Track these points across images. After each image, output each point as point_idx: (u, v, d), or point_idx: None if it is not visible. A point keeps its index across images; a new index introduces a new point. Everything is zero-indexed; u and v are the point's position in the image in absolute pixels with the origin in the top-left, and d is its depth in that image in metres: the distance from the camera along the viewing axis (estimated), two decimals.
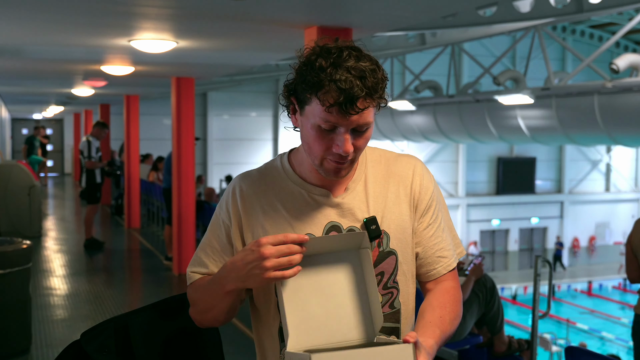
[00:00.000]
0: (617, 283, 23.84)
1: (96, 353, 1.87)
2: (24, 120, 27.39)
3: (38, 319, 6.56)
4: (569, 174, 25.57)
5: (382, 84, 1.56)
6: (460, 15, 9.54)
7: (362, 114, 1.54)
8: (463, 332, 4.72)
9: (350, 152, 1.58)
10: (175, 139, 9.04)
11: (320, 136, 1.58)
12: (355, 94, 1.51)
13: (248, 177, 1.78)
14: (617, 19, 19.83)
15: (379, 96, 1.56)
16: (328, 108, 1.53)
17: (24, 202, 10.96)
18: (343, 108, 1.52)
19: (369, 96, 1.53)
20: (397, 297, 1.72)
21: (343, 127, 1.56)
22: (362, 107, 1.53)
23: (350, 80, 1.51)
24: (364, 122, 1.56)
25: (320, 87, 1.53)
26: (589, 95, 11.96)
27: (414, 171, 1.76)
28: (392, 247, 1.70)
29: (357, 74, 1.52)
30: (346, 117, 1.53)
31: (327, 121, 1.55)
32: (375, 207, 1.70)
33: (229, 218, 1.74)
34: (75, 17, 5.14)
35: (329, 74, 1.52)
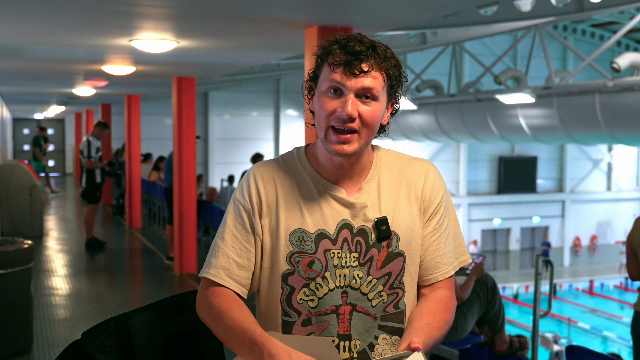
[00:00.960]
0: (619, 282, 23.81)
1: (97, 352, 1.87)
2: (26, 120, 27.39)
3: (39, 318, 6.56)
4: (570, 173, 25.54)
5: (392, 61, 1.64)
6: (461, 14, 9.53)
7: (366, 77, 1.60)
8: (464, 332, 4.72)
9: (354, 116, 1.61)
10: (176, 139, 9.04)
11: (327, 101, 1.63)
12: (360, 54, 1.59)
13: (265, 165, 1.80)
14: (618, 17, 19.80)
15: (387, 69, 1.63)
16: (334, 67, 1.60)
17: (25, 201, 10.96)
18: (347, 66, 1.59)
19: (374, 60, 1.60)
20: (402, 298, 1.73)
21: (348, 89, 1.60)
22: (367, 69, 1.59)
23: (358, 44, 1.61)
24: (369, 87, 1.60)
25: (330, 52, 1.62)
26: (590, 94, 11.95)
27: (426, 175, 1.78)
28: (400, 249, 1.72)
29: (367, 43, 1.62)
30: (350, 77, 1.59)
31: (332, 81, 1.61)
32: (386, 208, 1.72)
33: (251, 204, 1.75)
34: (76, 17, 5.14)
35: (340, 41, 1.62)
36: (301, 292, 1.70)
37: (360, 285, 1.70)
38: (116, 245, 11.49)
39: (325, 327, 1.70)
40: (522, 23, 11.13)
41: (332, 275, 1.69)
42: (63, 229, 12.98)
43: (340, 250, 1.69)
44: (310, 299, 1.70)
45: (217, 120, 21.87)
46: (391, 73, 1.64)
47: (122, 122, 15.79)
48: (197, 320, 1.98)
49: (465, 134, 16.54)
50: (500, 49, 20.46)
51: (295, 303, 1.71)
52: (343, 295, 1.69)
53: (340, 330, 1.70)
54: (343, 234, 1.70)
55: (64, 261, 9.70)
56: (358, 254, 1.70)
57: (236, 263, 1.73)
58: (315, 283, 1.69)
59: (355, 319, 1.70)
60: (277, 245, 1.71)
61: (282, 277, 1.71)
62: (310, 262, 1.69)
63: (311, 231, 1.70)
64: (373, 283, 1.70)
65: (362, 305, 1.70)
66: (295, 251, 1.70)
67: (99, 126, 10.47)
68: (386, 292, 1.71)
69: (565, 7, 9.87)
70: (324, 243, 1.69)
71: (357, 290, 1.70)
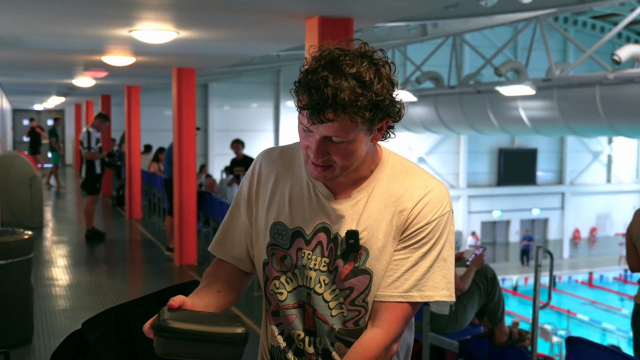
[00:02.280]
0: (618, 274, 23.86)
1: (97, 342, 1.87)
2: (25, 111, 27.37)
3: (40, 309, 6.57)
4: (570, 165, 25.55)
5: (362, 101, 1.50)
6: (462, 5, 9.51)
7: (332, 126, 1.51)
8: (464, 323, 4.73)
9: (319, 162, 1.58)
10: (176, 130, 9.04)
11: (302, 135, 1.61)
12: (321, 103, 1.49)
13: (270, 154, 1.82)
14: (619, 9, 19.75)
15: (354, 112, 1.50)
16: (300, 109, 1.55)
17: (25, 192, 10.96)
18: (311, 114, 1.51)
19: (340, 110, 1.49)
20: (363, 316, 1.68)
21: (315, 133, 1.55)
22: (331, 119, 1.50)
23: (321, 88, 1.48)
24: (336, 135, 1.53)
25: (299, 87, 1.54)
26: (591, 86, 11.94)
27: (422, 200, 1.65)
28: (368, 267, 1.65)
29: (335, 84, 1.48)
30: (315, 124, 1.53)
31: (301, 122, 1.58)
32: (365, 222, 1.66)
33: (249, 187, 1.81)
34: (76, 7, 5.12)
35: (310, 78, 1.52)
36: (272, 283, 1.74)
37: (324, 292, 1.68)
38: (116, 236, 11.50)
39: (292, 320, 1.73)
40: (523, 15, 11.11)
41: (301, 274, 1.70)
42: (63, 220, 12.99)
43: (311, 252, 1.69)
44: (279, 291, 1.73)
45: (217, 111, 21.85)
46: (361, 113, 1.51)
47: (122, 113, 15.77)
48: None
49: (465, 126, 16.53)
50: (500, 41, 20.42)
51: (268, 292, 1.76)
52: (307, 296, 1.71)
53: (306, 325, 1.72)
54: (319, 236, 1.68)
55: (64, 252, 9.71)
56: (329, 260, 1.67)
57: (232, 243, 1.82)
58: (286, 277, 1.73)
59: (317, 322, 1.71)
60: (261, 234, 1.76)
61: (263, 265, 1.77)
62: (282, 256, 1.72)
63: (290, 227, 1.72)
64: (336, 292, 1.67)
65: (322, 313, 1.69)
66: (272, 243, 1.74)
67: (99, 117, 10.46)
68: (347, 307, 1.67)
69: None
70: (298, 241, 1.70)
71: (320, 296, 1.68)
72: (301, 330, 1.72)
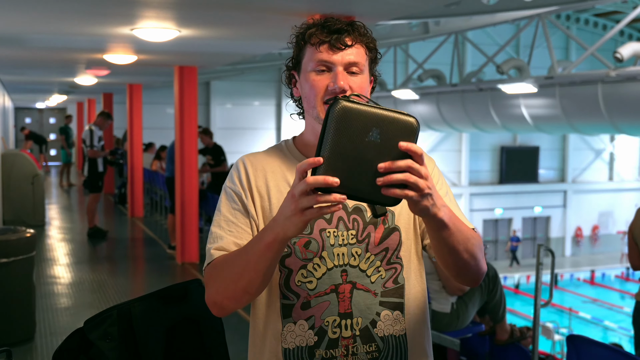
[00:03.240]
0: (620, 272, 23.85)
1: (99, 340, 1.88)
2: (27, 109, 27.41)
3: (42, 307, 6.59)
4: (572, 163, 25.52)
5: (370, 36, 1.71)
6: (464, 3, 9.50)
7: (351, 51, 1.66)
8: (465, 321, 4.74)
9: (346, 88, 1.65)
10: (178, 128, 9.05)
11: (315, 80, 1.67)
12: (342, 31, 1.66)
13: (254, 154, 1.82)
14: (622, 7, 19.73)
15: (367, 44, 1.69)
16: (319, 46, 1.66)
17: (27, 190, 10.98)
18: (332, 42, 1.64)
19: (356, 34, 1.67)
20: (401, 272, 1.74)
21: (335, 65, 1.66)
22: (350, 43, 1.65)
23: (337, 23, 1.67)
24: (356, 61, 1.66)
25: (311, 34, 1.67)
26: (593, 84, 11.92)
27: None
28: (396, 224, 1.74)
29: (344, 21, 1.68)
30: (336, 52, 1.65)
31: (319, 61, 1.66)
32: None
33: (242, 188, 1.74)
34: (78, 5, 5.13)
35: (318, 24, 1.68)
36: (299, 273, 1.69)
37: (359, 263, 1.70)
38: (118, 234, 11.51)
39: (325, 307, 1.69)
40: (525, 12, 11.09)
41: (330, 255, 1.69)
42: (65, 218, 13.01)
43: (336, 229, 1.69)
44: (308, 280, 1.69)
45: (219, 109, 21.86)
46: (371, 46, 1.71)
47: (124, 111, 15.78)
48: (199, 309, 1.99)
49: (467, 124, 16.52)
50: (502, 39, 20.39)
51: (293, 285, 1.70)
52: (342, 274, 1.69)
53: (341, 309, 1.69)
54: (337, 213, 1.70)
55: (66, 250, 9.72)
56: (356, 231, 1.70)
57: (235, 244, 1.69)
58: (313, 264, 1.69)
59: (356, 296, 1.70)
60: None
61: (282, 259, 1.70)
62: (306, 242, 1.69)
63: None
64: (371, 259, 1.70)
65: (362, 283, 1.70)
66: None
67: (102, 116, 10.47)
68: (384, 267, 1.72)
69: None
70: (319, 223, 1.69)
71: (356, 268, 1.70)
72: (336, 315, 1.69)
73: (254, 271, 1.55)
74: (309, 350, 1.69)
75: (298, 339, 1.70)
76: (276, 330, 1.71)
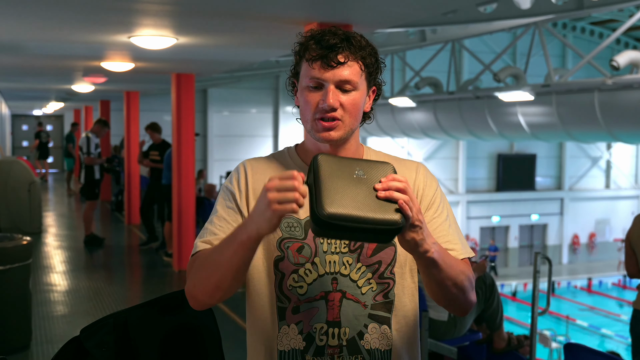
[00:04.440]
0: (617, 280, 23.85)
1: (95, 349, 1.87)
2: (24, 116, 27.39)
3: (38, 315, 6.57)
4: (569, 171, 25.56)
5: (367, 50, 1.67)
6: (461, 11, 9.53)
7: (344, 68, 1.64)
8: (462, 329, 4.73)
9: (335, 106, 1.64)
10: (175, 136, 9.05)
11: (309, 96, 1.67)
12: (334, 47, 1.63)
13: (256, 159, 1.83)
14: (618, 15, 19.81)
15: (363, 58, 1.66)
16: (311, 63, 1.65)
17: (24, 198, 10.96)
18: (324, 60, 1.63)
19: (349, 51, 1.64)
20: (392, 288, 1.73)
21: (327, 82, 1.64)
22: (343, 60, 1.63)
23: (332, 37, 1.64)
24: (348, 78, 1.64)
25: (306, 49, 1.67)
26: (590, 92, 11.95)
27: (417, 171, 1.80)
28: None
29: (341, 35, 1.65)
30: (327, 70, 1.63)
31: (312, 77, 1.66)
32: None
33: (239, 189, 1.76)
34: (75, 13, 5.13)
35: (315, 36, 1.67)
36: (290, 278, 1.70)
37: (350, 272, 1.70)
38: (115, 241, 11.49)
39: (314, 313, 1.69)
40: (522, 21, 11.12)
41: (322, 261, 1.69)
42: (62, 225, 12.98)
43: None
44: (299, 285, 1.70)
45: (216, 117, 21.87)
46: (368, 61, 1.67)
47: (121, 118, 15.78)
48: (196, 317, 1.99)
49: (464, 132, 16.54)
50: (499, 47, 20.46)
51: (285, 289, 1.71)
52: (333, 282, 1.70)
53: (329, 316, 1.69)
54: None
55: (62, 257, 9.70)
56: (349, 241, 1.70)
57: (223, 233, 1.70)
58: (305, 269, 1.70)
59: (345, 306, 1.69)
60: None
61: (274, 262, 1.72)
62: (299, 247, 1.70)
63: (301, 217, 1.71)
64: (362, 270, 1.70)
65: (352, 293, 1.70)
66: (285, 237, 1.71)
67: (99, 123, 10.47)
68: (376, 280, 1.71)
69: (564, 4, 9.87)
70: None
71: (346, 277, 1.70)
72: (324, 322, 1.69)
73: (226, 268, 1.58)
74: (301, 354, 1.69)
75: (292, 341, 1.70)
76: (273, 331, 1.72)
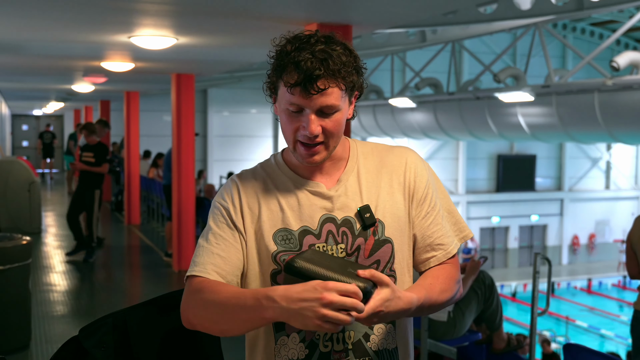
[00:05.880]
0: (617, 281, 23.85)
1: (94, 349, 1.87)
2: (24, 116, 27.38)
3: (38, 315, 6.57)
4: (569, 172, 25.56)
5: (347, 68, 1.59)
6: (461, 12, 9.54)
7: (325, 95, 1.57)
8: (462, 329, 4.73)
9: (317, 134, 1.61)
10: (175, 136, 9.04)
11: (289, 119, 1.63)
12: (314, 74, 1.54)
13: (242, 176, 1.80)
14: (618, 16, 19.81)
15: (343, 78, 1.58)
16: (290, 89, 1.58)
17: (23, 198, 10.96)
18: (303, 87, 1.56)
19: (330, 77, 1.56)
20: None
21: (308, 108, 1.59)
22: (323, 87, 1.56)
23: (311, 60, 1.55)
24: (329, 104, 1.59)
25: (283, 69, 1.58)
26: (590, 93, 11.95)
27: (406, 161, 1.77)
28: (387, 235, 1.71)
29: (320, 56, 1.56)
30: (308, 97, 1.57)
31: (292, 103, 1.60)
32: (368, 196, 1.72)
33: (233, 204, 1.74)
34: (76, 13, 5.13)
35: (292, 57, 1.57)
36: None
37: None
38: (115, 241, 11.49)
39: None
40: (522, 21, 11.13)
41: None
42: (61, 225, 12.96)
43: (325, 244, 1.69)
44: None
45: (216, 117, 21.87)
46: (348, 79, 1.60)
47: (121, 118, 15.79)
48: None
49: (464, 132, 16.54)
50: (499, 47, 20.46)
51: None
52: None
53: None
54: (327, 227, 1.70)
55: (62, 257, 9.69)
56: (345, 245, 1.69)
57: (221, 258, 1.69)
58: None
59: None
60: (263, 247, 1.71)
61: (271, 276, 1.70)
62: None
63: (294, 229, 1.70)
64: None
65: None
66: (280, 250, 1.69)
67: (99, 124, 10.45)
68: None
69: (564, 5, 9.88)
70: (308, 239, 1.69)
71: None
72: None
73: (237, 328, 1.61)
74: None
75: (291, 352, 1.69)
76: (270, 344, 1.72)
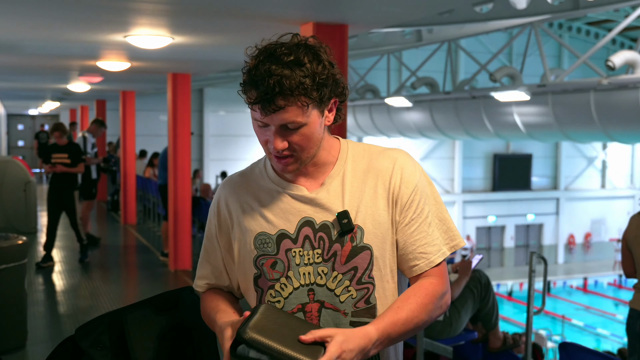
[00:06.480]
0: (613, 279, 23.89)
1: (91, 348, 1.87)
2: (20, 115, 27.33)
3: (34, 314, 6.55)
4: (564, 171, 25.60)
5: (309, 84, 1.57)
6: (457, 11, 9.54)
7: (285, 112, 1.58)
8: (458, 328, 4.73)
9: (282, 149, 1.63)
10: (171, 135, 9.03)
11: (259, 132, 1.67)
12: (270, 93, 1.55)
13: (230, 181, 1.86)
14: (613, 15, 19.84)
15: (304, 95, 1.57)
16: (251, 106, 1.60)
17: (19, 197, 10.93)
18: (262, 106, 1.58)
19: (288, 95, 1.56)
20: (372, 292, 1.71)
21: (271, 125, 1.61)
22: (282, 105, 1.57)
23: (267, 80, 1.55)
24: (290, 121, 1.60)
25: (246, 85, 1.61)
26: (585, 92, 11.97)
27: (394, 165, 1.74)
28: (366, 242, 1.69)
29: (278, 73, 1.55)
30: (267, 115, 1.59)
31: (255, 119, 1.64)
32: (350, 201, 1.71)
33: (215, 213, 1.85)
34: (71, 12, 5.13)
35: (252, 74, 1.58)
36: (268, 293, 1.73)
37: (327, 282, 1.69)
38: (111, 241, 11.48)
39: None
40: (518, 21, 11.13)
41: (296, 274, 1.70)
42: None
43: (301, 249, 1.70)
44: (276, 300, 1.72)
45: (212, 116, 21.85)
46: (311, 95, 1.59)
47: (117, 118, 15.76)
48: (191, 316, 1.99)
49: (460, 131, 16.56)
50: (495, 47, 20.46)
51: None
52: (309, 293, 1.70)
53: None
54: (304, 231, 1.71)
55: (58, 257, 9.68)
56: (322, 250, 1.69)
57: (215, 268, 1.86)
58: (280, 283, 1.72)
59: (325, 315, 1.69)
60: (246, 251, 1.76)
61: (254, 280, 1.76)
62: (272, 263, 1.72)
63: (272, 233, 1.72)
64: (339, 278, 1.69)
65: (330, 302, 1.69)
66: (259, 254, 1.73)
67: (95, 123, 10.46)
68: (354, 287, 1.69)
69: (560, 4, 9.89)
70: (285, 243, 1.71)
71: (323, 287, 1.69)
72: None
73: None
74: None
75: None
76: None
